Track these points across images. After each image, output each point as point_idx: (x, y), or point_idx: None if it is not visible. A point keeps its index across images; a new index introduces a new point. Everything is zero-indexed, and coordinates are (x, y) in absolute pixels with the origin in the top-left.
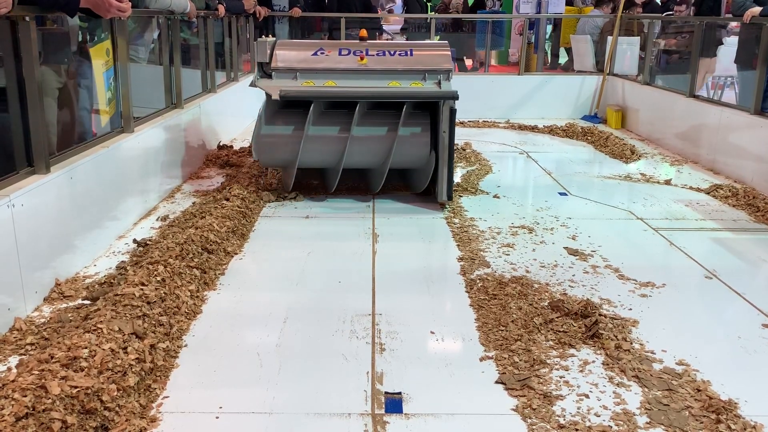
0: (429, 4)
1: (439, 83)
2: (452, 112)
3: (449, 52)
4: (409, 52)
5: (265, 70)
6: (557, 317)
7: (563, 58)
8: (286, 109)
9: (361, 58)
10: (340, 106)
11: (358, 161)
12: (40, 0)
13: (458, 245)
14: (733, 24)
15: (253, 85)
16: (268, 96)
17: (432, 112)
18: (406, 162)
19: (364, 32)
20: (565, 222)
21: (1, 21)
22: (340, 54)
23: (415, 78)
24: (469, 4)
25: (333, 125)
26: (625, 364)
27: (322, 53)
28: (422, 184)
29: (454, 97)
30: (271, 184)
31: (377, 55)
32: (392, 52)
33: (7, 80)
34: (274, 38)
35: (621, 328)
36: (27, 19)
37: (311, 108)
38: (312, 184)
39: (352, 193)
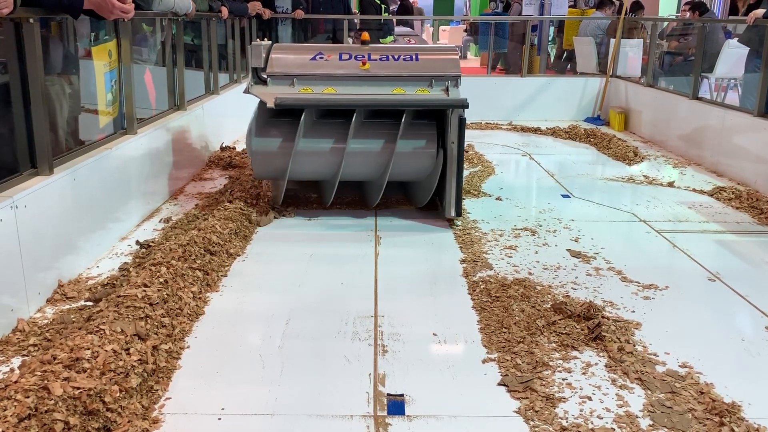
0: (383, 6)
1: (446, 90)
2: (461, 121)
3: (457, 57)
4: (414, 57)
5: (260, 76)
6: (560, 319)
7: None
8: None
9: (363, 63)
10: (342, 114)
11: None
12: (43, 2)
13: (461, 247)
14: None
15: (246, 91)
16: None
17: (437, 119)
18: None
19: (366, 35)
20: (568, 224)
21: (5, 23)
22: (340, 59)
23: (420, 84)
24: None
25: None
26: (628, 367)
27: (321, 58)
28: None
29: (464, 105)
30: (268, 200)
31: (380, 59)
32: (396, 57)
33: (11, 82)
34: (270, 41)
35: (624, 330)
36: (31, 21)
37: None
38: (311, 197)
39: (351, 205)
